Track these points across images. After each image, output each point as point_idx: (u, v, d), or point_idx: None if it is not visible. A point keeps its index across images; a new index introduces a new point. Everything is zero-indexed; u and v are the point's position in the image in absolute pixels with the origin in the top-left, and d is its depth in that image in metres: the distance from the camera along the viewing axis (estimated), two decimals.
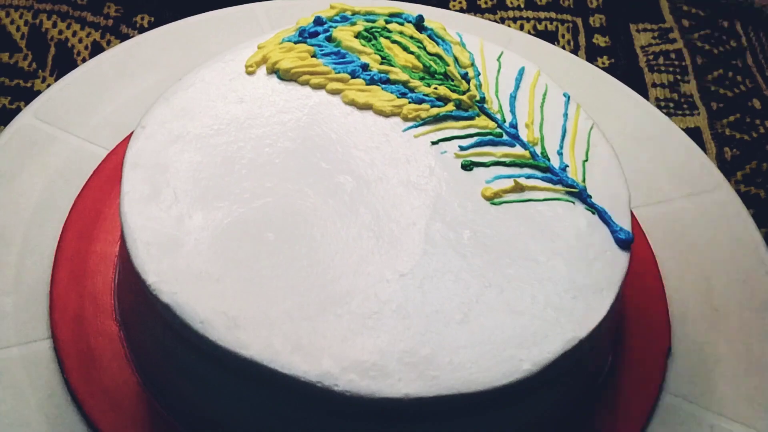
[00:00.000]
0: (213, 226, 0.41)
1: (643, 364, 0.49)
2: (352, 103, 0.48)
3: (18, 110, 0.60)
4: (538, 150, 0.47)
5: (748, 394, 0.49)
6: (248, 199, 0.42)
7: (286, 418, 0.39)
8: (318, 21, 0.51)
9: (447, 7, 0.75)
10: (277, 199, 0.43)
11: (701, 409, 0.48)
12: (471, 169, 0.46)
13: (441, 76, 0.49)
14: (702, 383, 0.49)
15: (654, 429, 0.47)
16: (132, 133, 0.45)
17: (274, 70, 0.49)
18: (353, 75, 0.49)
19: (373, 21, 0.52)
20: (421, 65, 0.50)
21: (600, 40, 0.76)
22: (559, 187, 0.45)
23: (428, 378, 0.37)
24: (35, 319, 0.47)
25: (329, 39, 0.50)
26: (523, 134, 0.48)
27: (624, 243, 0.44)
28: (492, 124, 0.48)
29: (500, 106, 0.49)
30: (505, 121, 0.48)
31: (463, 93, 0.49)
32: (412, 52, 0.50)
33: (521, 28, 0.75)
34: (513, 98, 0.50)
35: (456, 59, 0.51)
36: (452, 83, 0.49)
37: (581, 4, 0.79)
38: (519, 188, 0.45)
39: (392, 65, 0.49)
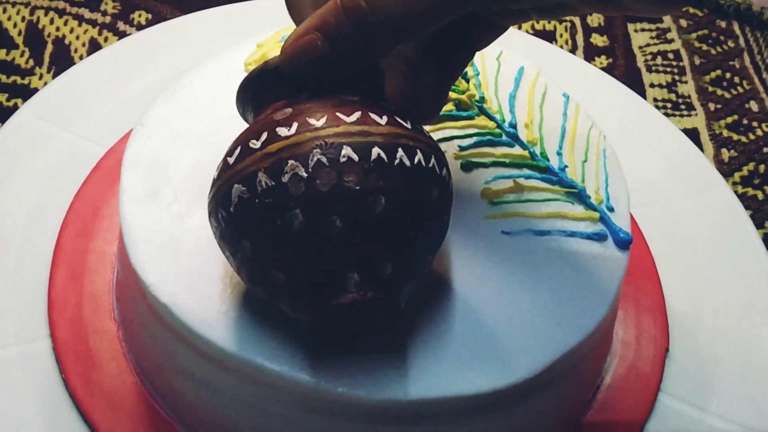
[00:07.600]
0: None
1: (641, 365, 0.49)
2: None
3: (15, 108, 0.59)
4: (537, 150, 0.47)
5: (746, 395, 0.49)
6: None
7: (285, 418, 0.39)
8: None
9: None
10: None
11: (699, 411, 0.48)
12: (470, 170, 0.46)
13: None
14: (700, 384, 0.49)
15: (652, 430, 0.47)
16: (131, 131, 0.45)
17: None
18: None
19: None
20: None
21: (598, 40, 0.76)
22: (558, 187, 0.45)
23: (427, 379, 0.37)
24: (33, 318, 0.47)
25: None
26: (523, 134, 0.48)
27: (623, 243, 0.44)
28: (491, 124, 0.48)
29: (499, 106, 0.49)
30: (504, 121, 0.48)
31: (463, 92, 0.49)
32: None
33: (519, 27, 0.75)
34: (512, 98, 0.50)
35: None
36: None
37: None
38: (518, 188, 0.45)
39: None
